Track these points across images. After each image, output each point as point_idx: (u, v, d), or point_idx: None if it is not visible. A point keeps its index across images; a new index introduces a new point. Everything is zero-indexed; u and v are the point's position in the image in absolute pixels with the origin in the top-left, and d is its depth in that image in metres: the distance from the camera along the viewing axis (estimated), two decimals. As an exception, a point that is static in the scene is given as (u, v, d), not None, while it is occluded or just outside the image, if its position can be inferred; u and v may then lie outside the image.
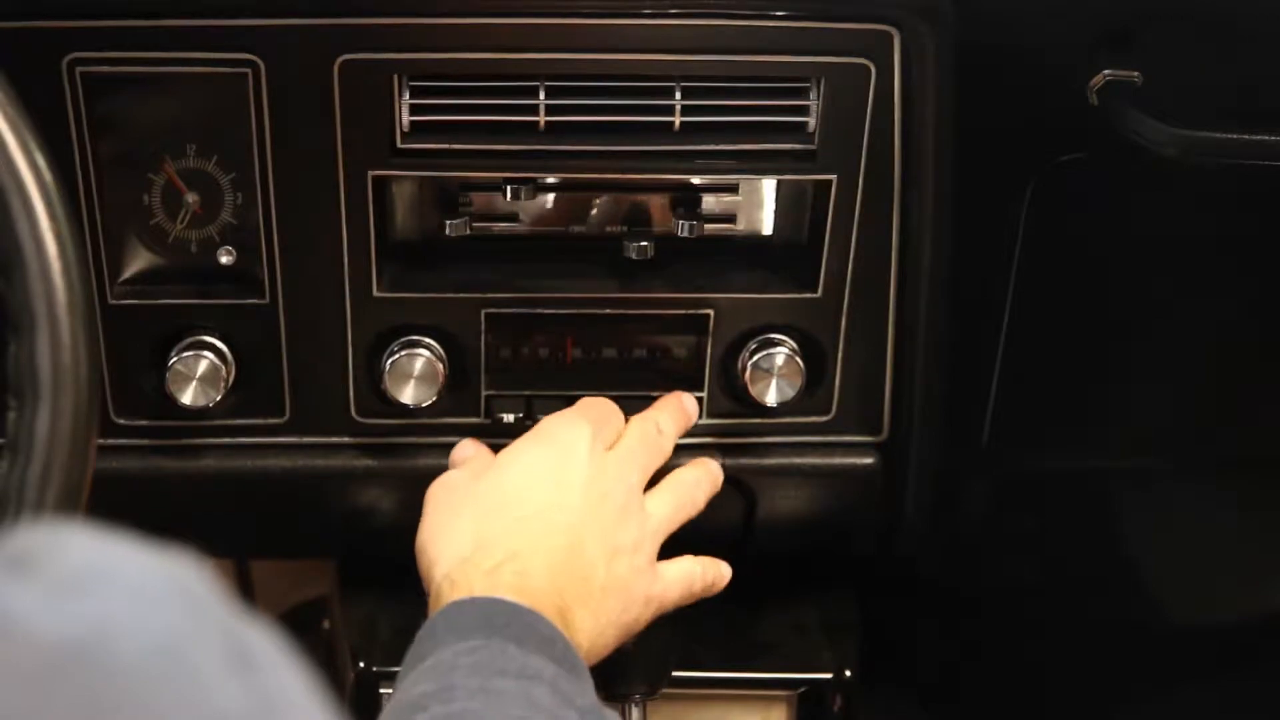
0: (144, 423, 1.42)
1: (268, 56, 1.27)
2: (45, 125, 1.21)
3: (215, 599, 0.52)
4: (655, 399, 1.41)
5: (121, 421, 1.42)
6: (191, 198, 1.35)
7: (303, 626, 1.95)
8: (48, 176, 1.01)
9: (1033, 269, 1.41)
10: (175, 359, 1.36)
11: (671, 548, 1.36)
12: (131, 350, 1.39)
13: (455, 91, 1.30)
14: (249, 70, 1.27)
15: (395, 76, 1.28)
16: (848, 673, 1.55)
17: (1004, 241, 1.40)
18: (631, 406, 1.40)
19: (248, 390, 1.40)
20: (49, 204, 1.00)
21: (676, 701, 1.54)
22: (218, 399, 1.37)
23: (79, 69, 1.27)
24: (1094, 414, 1.53)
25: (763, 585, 1.61)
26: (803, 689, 1.55)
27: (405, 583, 1.59)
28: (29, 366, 0.99)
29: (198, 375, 1.36)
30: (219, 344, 1.38)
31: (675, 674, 1.47)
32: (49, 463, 0.98)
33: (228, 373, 1.38)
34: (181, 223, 1.36)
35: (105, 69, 1.27)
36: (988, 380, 1.47)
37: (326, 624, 1.69)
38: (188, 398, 1.37)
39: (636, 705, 1.44)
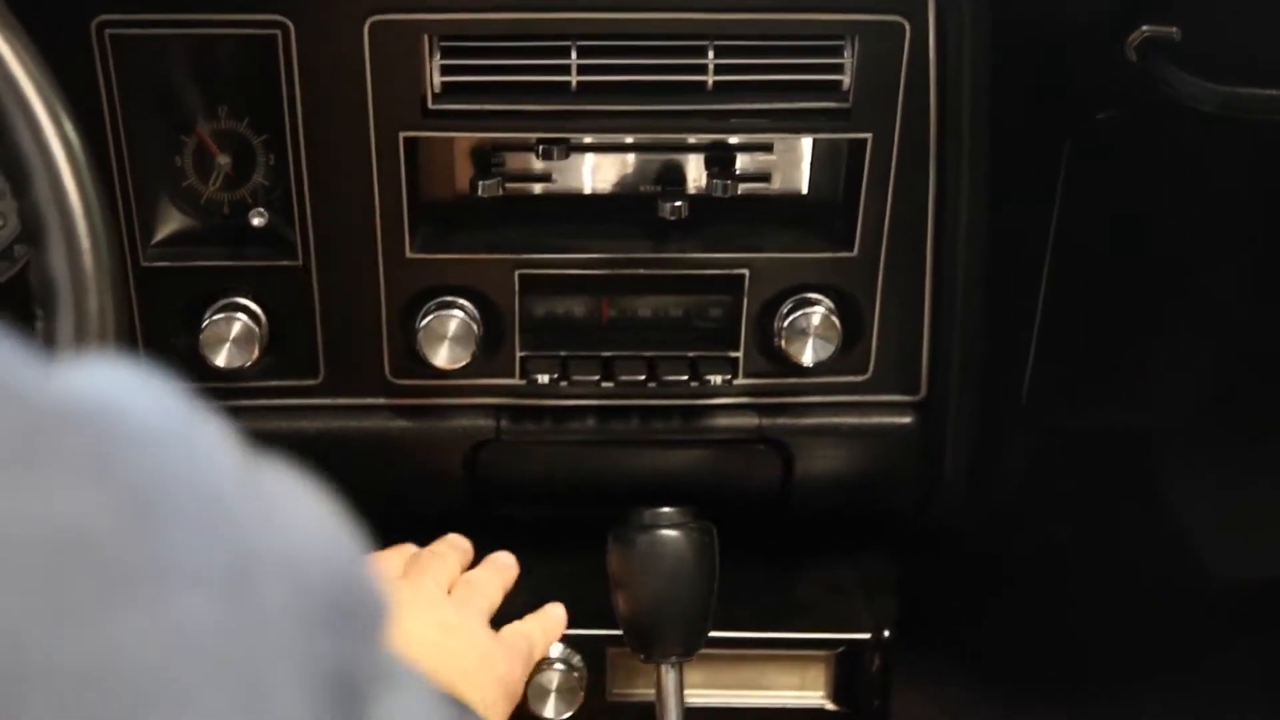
0: (179, 381, 1.41)
1: (297, 17, 1.26)
2: (74, 88, 1.21)
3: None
4: (690, 359, 1.40)
5: (154, 381, 1.41)
6: (223, 160, 1.34)
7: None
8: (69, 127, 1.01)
9: (1071, 227, 1.39)
10: (208, 321, 1.36)
11: (709, 505, 1.35)
12: (164, 313, 1.38)
13: (486, 52, 1.29)
14: (278, 31, 1.26)
15: (426, 37, 1.27)
16: (886, 633, 1.54)
17: (1042, 199, 1.38)
18: (667, 366, 1.40)
19: (282, 352, 1.40)
20: (57, 122, 1.00)
21: (714, 663, 1.53)
22: (251, 361, 1.37)
23: (108, 31, 1.26)
24: (1134, 372, 1.52)
25: (800, 545, 1.61)
26: (841, 649, 1.54)
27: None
28: (47, 275, 0.99)
29: (231, 337, 1.36)
30: (252, 306, 1.37)
31: (712, 635, 1.46)
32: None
33: (261, 334, 1.37)
34: (214, 185, 1.35)
35: (134, 31, 1.27)
36: (1027, 339, 1.45)
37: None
38: (221, 360, 1.36)
39: (673, 668, 1.43)
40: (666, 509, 1.43)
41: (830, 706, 1.56)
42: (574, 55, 1.28)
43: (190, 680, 0.44)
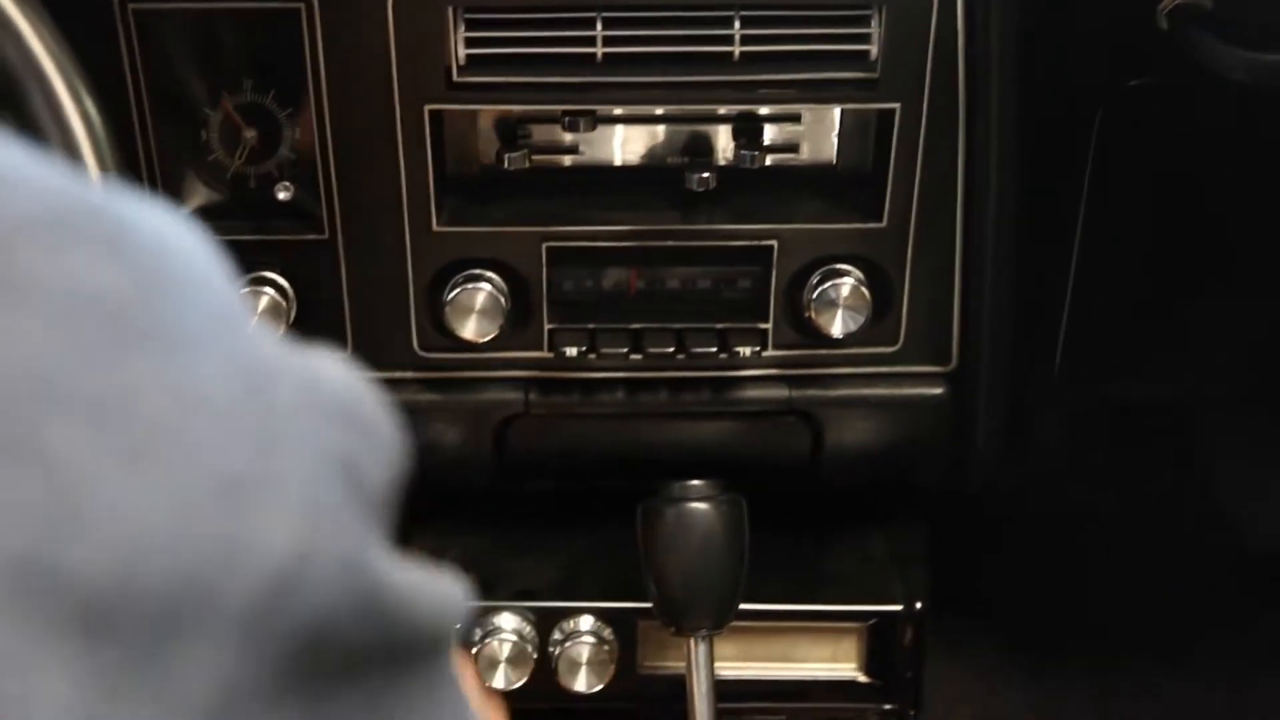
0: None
1: None
2: (98, 64, 1.22)
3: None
4: (719, 331, 1.39)
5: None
6: (249, 133, 1.34)
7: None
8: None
9: (1104, 195, 1.38)
10: (236, 296, 1.35)
11: (739, 478, 1.34)
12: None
13: (511, 24, 1.28)
14: (301, 5, 1.26)
15: (450, 9, 1.27)
16: (918, 604, 1.53)
17: (1074, 168, 1.37)
18: (695, 338, 1.39)
19: (309, 326, 1.39)
20: (76, 98, 1.01)
21: (745, 635, 1.52)
22: (279, 334, 1.36)
23: (131, 5, 1.26)
24: (1167, 342, 1.51)
25: (831, 517, 1.60)
26: (872, 621, 1.53)
27: (473, 515, 1.61)
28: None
29: (258, 311, 1.36)
30: (279, 280, 1.37)
31: (743, 607, 1.46)
32: None
33: (288, 308, 1.37)
34: (240, 158, 1.35)
35: (157, 5, 1.26)
36: (1059, 308, 1.44)
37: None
38: (249, 334, 1.36)
39: (703, 641, 1.43)
40: (696, 482, 1.43)
41: (862, 678, 1.56)
42: (599, 26, 1.28)
43: (198, 428, 0.47)
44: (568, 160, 1.40)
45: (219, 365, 0.49)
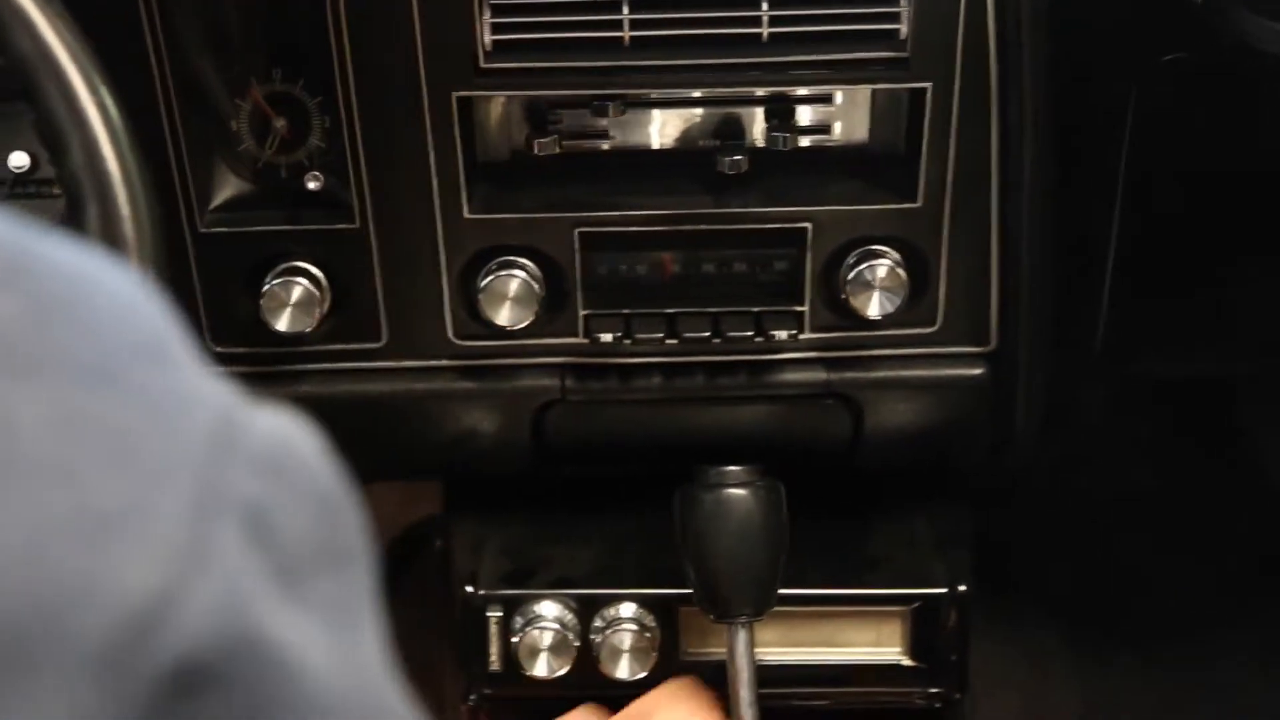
0: (241, 350, 1.41)
1: None
2: (124, 56, 1.22)
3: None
4: (755, 314, 1.38)
5: (219, 349, 1.41)
6: (279, 122, 1.33)
7: (417, 544, 1.95)
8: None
9: (1142, 170, 1.36)
10: (268, 286, 1.35)
11: (777, 462, 1.33)
12: (224, 278, 1.38)
13: (537, 9, 1.27)
14: None
15: (475, -4, 1.26)
16: (962, 587, 1.52)
17: (1111, 144, 1.35)
18: (731, 322, 1.38)
19: (344, 315, 1.39)
20: (93, 89, 1.00)
21: (788, 620, 1.51)
22: (314, 325, 1.36)
23: (155, -3, 1.26)
24: (1212, 316, 1.49)
25: (872, 499, 1.59)
26: (916, 604, 1.52)
27: (511, 502, 1.60)
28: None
29: (292, 301, 1.35)
30: (312, 269, 1.36)
31: (785, 592, 1.45)
32: None
33: (322, 298, 1.36)
34: (270, 148, 1.34)
35: (180, -2, 1.26)
36: (1100, 285, 1.42)
37: (439, 542, 1.69)
38: (283, 324, 1.36)
39: (743, 627, 1.42)
40: (733, 467, 1.42)
41: (906, 662, 1.54)
42: (625, 9, 1.26)
43: (73, 460, 0.46)
44: (598, 145, 1.38)
45: (118, 398, 0.48)
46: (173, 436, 0.49)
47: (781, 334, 1.39)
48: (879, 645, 1.54)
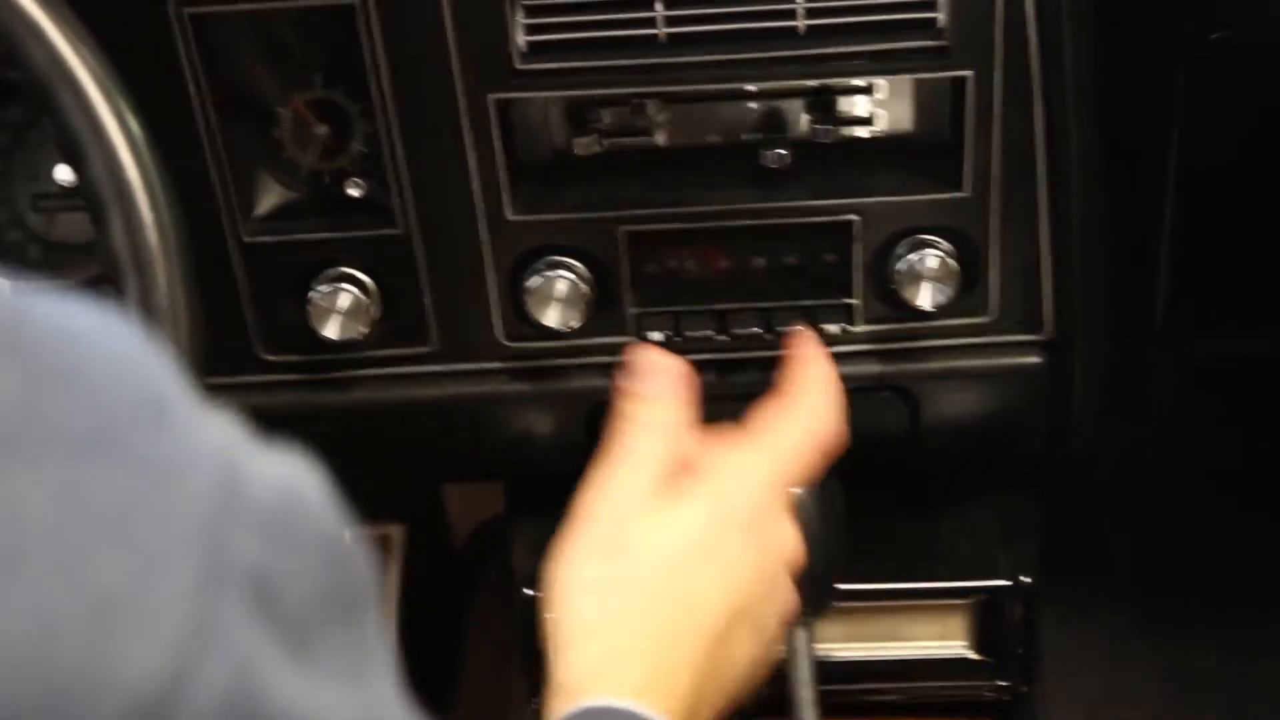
0: (292, 358, 1.42)
1: None
2: (158, 71, 1.22)
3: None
4: (805, 308, 1.36)
5: (269, 358, 1.41)
6: (321, 129, 1.33)
7: (490, 542, 1.95)
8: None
9: (1196, 149, 1.33)
10: (315, 293, 1.35)
11: (840, 459, 1.32)
12: (271, 287, 1.38)
13: (570, 9, 1.26)
14: (356, 2, 1.24)
15: (506, -2, 1.25)
16: (1027, 578, 1.49)
17: (1161, 124, 1.32)
18: (782, 317, 1.37)
19: (392, 321, 1.39)
20: (109, 98, 1.00)
21: (851, 614, 1.50)
22: (363, 331, 1.36)
23: (186, 10, 1.25)
24: (1272, 294, 1.45)
25: (932, 491, 1.57)
26: (980, 597, 1.50)
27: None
28: (111, 253, 0.99)
29: (340, 308, 1.35)
30: (359, 275, 1.36)
31: (847, 588, 1.43)
32: None
33: (370, 304, 1.36)
34: (313, 155, 1.34)
35: (211, 9, 1.25)
36: (1155, 267, 1.40)
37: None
38: (332, 331, 1.35)
39: (802, 628, 1.40)
40: None
41: (973, 655, 1.52)
42: (659, 6, 1.25)
43: (79, 539, 0.45)
44: (639, 142, 1.37)
45: (117, 467, 0.47)
46: (175, 505, 0.48)
47: (833, 327, 1.37)
48: (944, 638, 1.52)
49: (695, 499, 1.19)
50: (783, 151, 1.32)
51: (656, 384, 1.28)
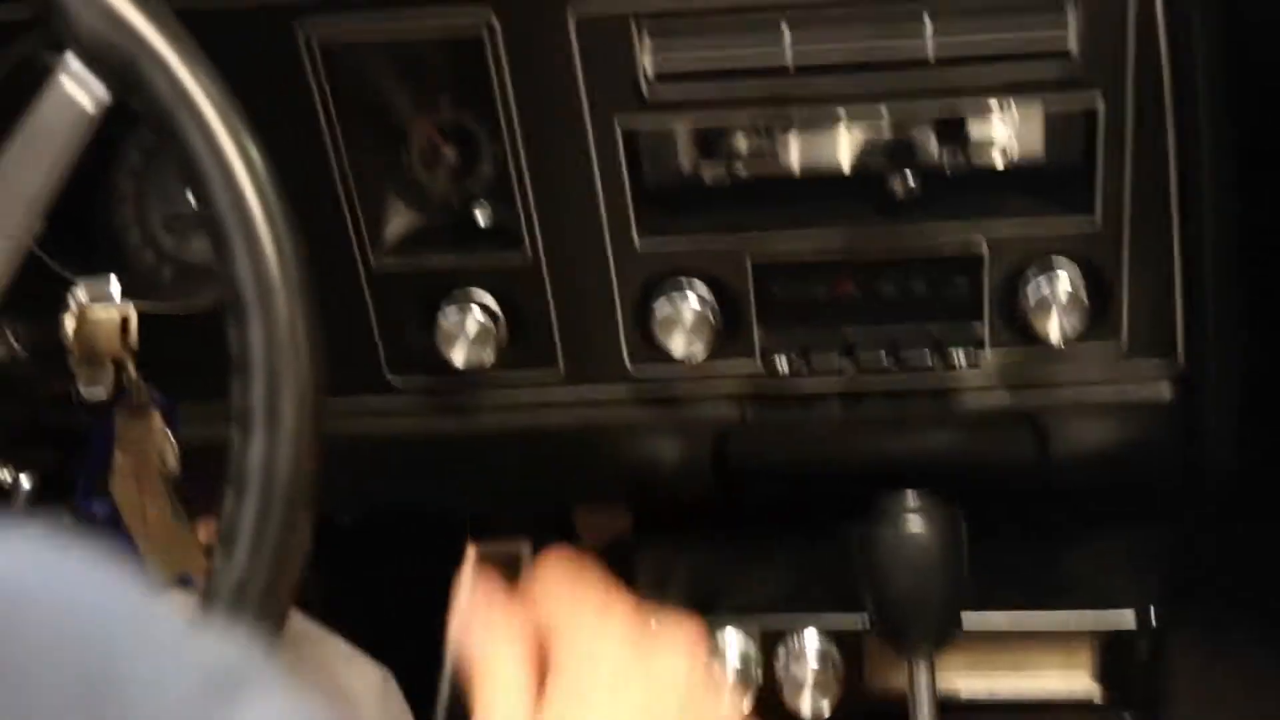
0: (420, 381, 1.42)
1: (503, 15, 1.25)
2: (287, 98, 1.23)
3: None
4: (933, 337, 1.35)
5: (397, 381, 1.42)
6: (449, 151, 1.34)
7: (617, 563, 1.94)
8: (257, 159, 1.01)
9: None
10: (443, 319, 1.36)
11: (962, 486, 1.31)
12: (399, 313, 1.38)
13: (697, 35, 1.25)
14: (484, 29, 1.25)
15: (634, 25, 1.24)
16: (1154, 612, 1.47)
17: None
18: (909, 345, 1.35)
19: (520, 347, 1.39)
20: (233, 130, 1.00)
21: (973, 646, 1.48)
22: (490, 356, 1.36)
23: (315, 38, 1.26)
24: None
25: (1059, 524, 1.55)
26: (1105, 632, 1.48)
27: (697, 526, 1.59)
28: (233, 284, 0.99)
29: (467, 334, 1.35)
30: (487, 301, 1.36)
31: (970, 619, 1.42)
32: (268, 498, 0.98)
33: (498, 330, 1.36)
34: (442, 178, 1.35)
35: (339, 37, 1.26)
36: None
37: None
38: (460, 357, 1.36)
39: (924, 659, 1.39)
40: (909, 496, 1.39)
41: (1098, 691, 1.50)
42: (787, 33, 1.24)
43: None
44: (766, 169, 1.36)
45: None
46: None
47: (961, 357, 1.36)
48: (1068, 675, 1.50)
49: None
50: (910, 179, 1.31)
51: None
